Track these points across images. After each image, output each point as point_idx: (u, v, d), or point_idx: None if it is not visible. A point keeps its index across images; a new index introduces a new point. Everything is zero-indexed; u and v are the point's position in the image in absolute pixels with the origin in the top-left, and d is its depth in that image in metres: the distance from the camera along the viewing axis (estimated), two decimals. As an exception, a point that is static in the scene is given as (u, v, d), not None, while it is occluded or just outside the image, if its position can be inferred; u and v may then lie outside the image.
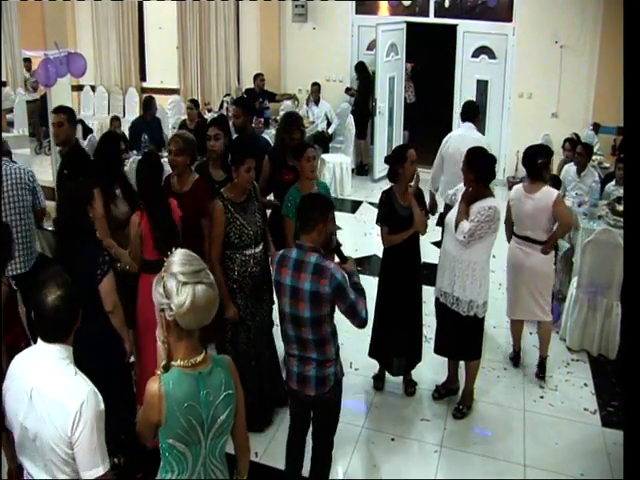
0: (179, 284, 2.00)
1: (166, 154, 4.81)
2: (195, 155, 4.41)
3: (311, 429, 3.41)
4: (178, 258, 2.06)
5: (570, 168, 6.60)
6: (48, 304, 2.13)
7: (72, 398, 2.09)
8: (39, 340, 2.21)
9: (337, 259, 3.31)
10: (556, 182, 5.84)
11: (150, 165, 4.00)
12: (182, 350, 2.09)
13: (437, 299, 4.36)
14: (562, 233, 4.73)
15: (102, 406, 2.16)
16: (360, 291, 3.13)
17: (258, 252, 4.04)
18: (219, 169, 4.64)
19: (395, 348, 4.47)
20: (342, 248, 3.34)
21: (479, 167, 4.06)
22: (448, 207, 4.39)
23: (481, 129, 9.59)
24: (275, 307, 4.33)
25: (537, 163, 4.48)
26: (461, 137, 5.57)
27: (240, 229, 3.94)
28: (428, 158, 6.06)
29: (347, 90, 10.06)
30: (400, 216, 4.22)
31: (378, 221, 4.36)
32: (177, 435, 2.09)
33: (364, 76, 9.73)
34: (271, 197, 4.92)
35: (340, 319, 3.16)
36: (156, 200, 3.88)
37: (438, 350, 4.48)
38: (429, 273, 4.75)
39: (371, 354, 4.61)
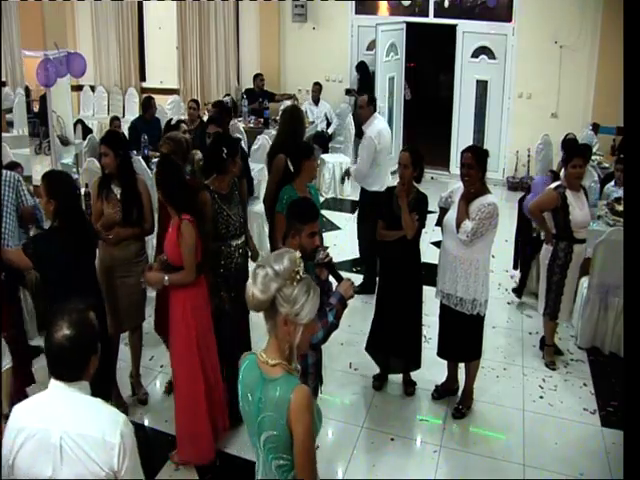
0: (297, 286, 1.99)
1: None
2: (186, 155, 4.43)
3: None
4: (285, 263, 2.01)
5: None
6: (54, 342, 1.97)
7: (111, 433, 1.97)
8: (52, 380, 2.03)
9: (331, 278, 3.19)
10: (557, 178, 5.82)
11: (169, 168, 3.84)
12: (269, 343, 2.06)
13: (441, 301, 4.36)
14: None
15: (133, 430, 2.06)
16: (324, 314, 2.87)
17: (241, 243, 4.18)
18: None
19: (392, 347, 4.48)
20: (342, 251, 3.34)
21: (484, 165, 4.09)
22: (444, 210, 4.40)
23: (481, 129, 9.71)
24: None
25: None
26: (386, 130, 6.03)
27: (226, 219, 4.05)
28: (427, 157, 6.04)
29: (347, 92, 10.05)
30: (396, 215, 4.26)
31: (377, 214, 4.44)
32: (242, 413, 2.12)
33: (365, 76, 9.74)
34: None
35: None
36: (192, 204, 3.77)
37: (441, 354, 4.48)
38: (428, 273, 4.75)
39: (367, 349, 4.63)
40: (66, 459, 1.94)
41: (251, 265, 4.46)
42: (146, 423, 4.31)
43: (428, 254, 5.50)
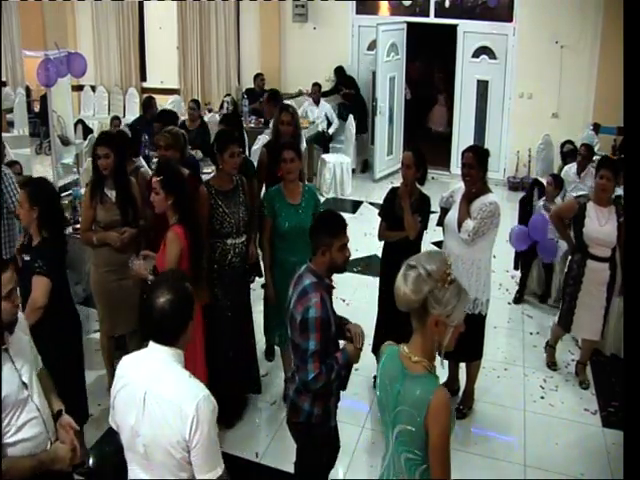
0: (449, 288, 2.04)
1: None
2: (185, 151, 4.39)
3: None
4: (437, 264, 2.06)
5: (570, 169, 6.61)
6: (155, 307, 2.10)
7: (188, 401, 2.04)
8: (150, 342, 2.17)
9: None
10: (559, 181, 5.83)
11: (178, 173, 3.71)
12: (414, 340, 2.20)
13: None
14: None
15: (216, 408, 2.12)
16: (329, 365, 2.81)
17: (239, 243, 4.13)
18: None
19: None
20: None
21: (485, 165, 4.10)
22: (445, 210, 4.39)
23: (481, 129, 9.71)
24: (253, 297, 4.49)
25: None
26: None
27: (222, 216, 4.03)
28: (428, 157, 6.03)
29: (339, 92, 10.04)
30: (398, 216, 4.24)
31: (380, 214, 4.45)
32: (378, 402, 2.22)
33: (344, 78, 9.87)
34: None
35: (345, 311, 3.12)
36: (192, 210, 3.66)
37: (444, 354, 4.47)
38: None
39: (374, 351, 4.62)
40: (147, 414, 2.08)
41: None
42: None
43: (429, 254, 5.48)
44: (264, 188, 4.81)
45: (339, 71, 9.96)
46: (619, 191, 5.77)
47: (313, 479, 3.21)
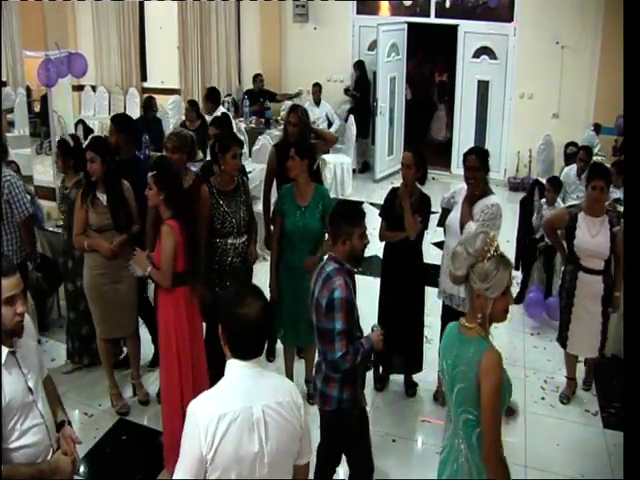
0: (487, 263, 2.27)
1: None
2: (193, 152, 4.40)
3: None
4: (478, 243, 2.28)
5: (571, 171, 6.61)
6: (251, 318, 2.01)
7: (296, 394, 2.16)
8: (235, 362, 2.07)
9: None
10: (557, 185, 5.83)
11: (170, 170, 3.76)
12: (468, 311, 2.41)
13: (443, 302, 4.35)
14: None
15: None
16: (355, 347, 2.98)
17: (239, 243, 4.17)
18: None
19: (394, 348, 4.47)
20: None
21: (488, 166, 4.10)
22: (446, 211, 4.39)
23: (482, 129, 9.70)
24: None
25: None
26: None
27: (223, 216, 4.08)
28: (428, 158, 6.02)
29: (346, 91, 10.05)
30: (398, 216, 4.24)
31: (380, 215, 4.46)
32: (441, 372, 2.48)
33: (363, 74, 9.77)
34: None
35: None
36: (186, 205, 3.71)
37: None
38: (429, 274, 4.74)
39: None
40: (270, 430, 2.04)
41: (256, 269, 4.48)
42: (146, 424, 4.31)
43: (429, 255, 5.49)
44: (275, 187, 4.80)
45: (359, 65, 9.86)
46: (618, 193, 5.79)
47: (330, 465, 3.30)
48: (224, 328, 2.07)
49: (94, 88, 11.61)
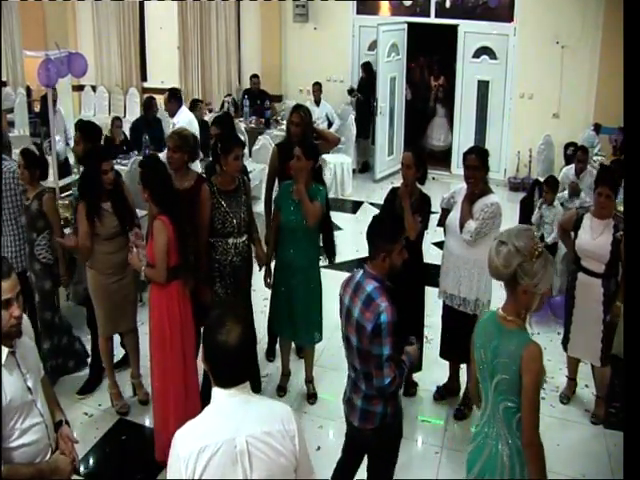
0: (536, 261, 2.31)
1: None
2: (195, 152, 4.39)
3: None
4: (525, 240, 2.33)
5: (569, 170, 6.61)
6: (229, 345, 1.89)
7: (289, 421, 1.99)
8: (218, 391, 1.97)
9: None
10: (554, 185, 5.83)
11: (155, 168, 3.83)
12: (507, 304, 2.45)
13: (444, 302, 4.35)
14: None
15: None
16: (401, 369, 2.93)
17: (240, 243, 4.19)
18: None
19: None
20: (343, 251, 3.29)
21: (487, 165, 4.10)
22: (446, 211, 4.39)
23: (482, 129, 9.70)
24: (253, 296, 4.58)
25: None
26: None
27: (224, 216, 4.10)
28: (429, 158, 6.04)
29: (350, 92, 10.02)
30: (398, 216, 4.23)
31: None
32: (478, 362, 2.51)
33: (369, 76, 9.76)
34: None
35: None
36: (174, 202, 3.76)
37: (443, 354, 4.47)
38: (430, 274, 4.74)
39: None
40: (255, 462, 1.91)
41: (256, 268, 4.49)
42: (146, 424, 4.31)
43: (429, 255, 5.49)
44: (277, 185, 4.80)
45: (366, 67, 9.82)
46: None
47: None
48: (205, 356, 1.97)
49: (94, 88, 11.62)
